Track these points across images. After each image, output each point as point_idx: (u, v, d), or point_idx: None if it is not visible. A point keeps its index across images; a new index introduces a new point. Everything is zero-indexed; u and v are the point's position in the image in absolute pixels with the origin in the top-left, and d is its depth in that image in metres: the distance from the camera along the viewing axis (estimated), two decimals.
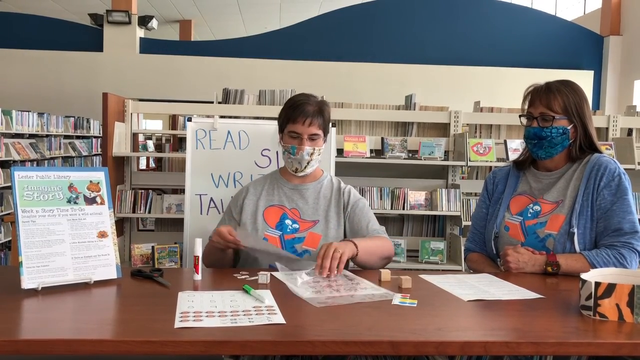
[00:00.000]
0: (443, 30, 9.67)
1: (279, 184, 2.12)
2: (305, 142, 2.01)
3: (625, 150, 3.90)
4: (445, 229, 4.06)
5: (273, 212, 2.06)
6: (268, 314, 1.34)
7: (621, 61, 10.00)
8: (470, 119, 4.20)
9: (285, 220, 2.04)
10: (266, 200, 2.09)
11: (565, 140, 1.91)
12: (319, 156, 2.06)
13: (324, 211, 2.07)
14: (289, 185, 2.11)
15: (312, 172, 2.09)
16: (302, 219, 2.05)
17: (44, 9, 11.79)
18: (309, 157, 2.02)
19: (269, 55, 9.48)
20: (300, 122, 2.00)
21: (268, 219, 2.05)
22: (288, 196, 2.09)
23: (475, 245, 2.10)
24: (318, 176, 2.14)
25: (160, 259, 3.59)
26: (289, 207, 2.07)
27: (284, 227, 2.03)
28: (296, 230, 2.02)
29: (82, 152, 8.56)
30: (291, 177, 2.11)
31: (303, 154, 2.01)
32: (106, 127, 3.74)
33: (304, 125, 2.00)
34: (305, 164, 2.04)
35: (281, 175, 2.14)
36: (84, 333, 1.24)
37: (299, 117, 2.00)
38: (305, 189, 2.10)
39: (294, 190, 2.10)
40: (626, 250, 1.79)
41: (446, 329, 1.30)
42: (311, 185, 2.11)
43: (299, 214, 2.06)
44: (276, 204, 2.08)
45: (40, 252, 1.54)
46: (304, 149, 2.00)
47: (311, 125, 2.00)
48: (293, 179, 2.11)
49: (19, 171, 1.58)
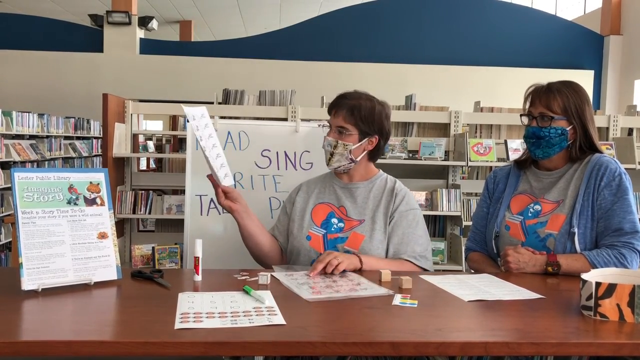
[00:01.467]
0: (443, 30, 9.67)
1: (332, 182, 2.11)
2: (332, 133, 2.00)
3: (625, 150, 3.90)
4: (445, 229, 4.06)
5: (321, 210, 2.05)
6: (268, 314, 1.34)
7: (621, 61, 10.00)
8: (470, 119, 4.20)
9: (332, 218, 2.03)
10: (317, 197, 2.09)
11: (563, 141, 1.90)
12: (347, 152, 1.98)
13: (372, 211, 2.00)
14: (340, 184, 2.08)
15: (341, 168, 2.02)
16: (347, 217, 2.02)
17: (44, 9, 11.81)
18: (330, 148, 1.99)
19: (269, 55, 9.49)
20: (331, 113, 2.02)
21: (315, 216, 2.04)
22: (338, 195, 2.07)
23: (476, 245, 2.10)
24: (370, 175, 2.08)
25: (160, 260, 3.59)
26: (337, 206, 2.05)
27: (329, 225, 2.01)
28: (340, 230, 2.00)
29: (83, 153, 8.57)
30: (342, 175, 2.09)
31: (325, 144, 2.01)
32: (106, 128, 3.75)
33: (332, 116, 2.02)
34: (329, 156, 2.01)
35: (334, 175, 2.12)
36: (84, 334, 1.24)
37: (331, 107, 2.03)
38: (356, 188, 2.06)
39: (344, 189, 2.07)
40: (627, 250, 1.79)
41: (446, 329, 1.30)
42: (362, 185, 2.06)
43: (346, 212, 2.03)
44: (325, 202, 2.07)
45: (40, 254, 1.54)
46: (326, 140, 2.00)
47: (336, 117, 1.99)
48: (344, 177, 2.08)
49: (19, 172, 1.58)
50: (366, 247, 1.93)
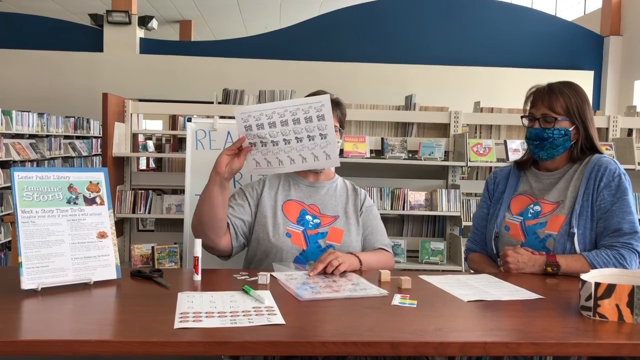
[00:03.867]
0: (443, 31, 9.67)
1: (295, 180, 2.13)
2: None
3: (625, 151, 3.90)
4: (445, 230, 4.06)
5: (292, 207, 2.06)
6: (268, 314, 1.34)
7: (621, 61, 10.00)
8: (470, 119, 4.20)
9: (306, 216, 2.05)
10: (283, 195, 2.09)
11: (567, 142, 1.91)
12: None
13: (343, 207, 2.09)
14: (305, 182, 2.11)
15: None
16: (322, 214, 2.06)
17: (44, 9, 11.80)
18: None
19: (269, 55, 9.48)
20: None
21: (288, 213, 2.05)
22: (305, 192, 2.10)
23: (476, 245, 2.11)
24: (331, 176, 2.17)
25: (160, 260, 3.59)
26: (307, 203, 2.08)
27: (305, 222, 2.03)
28: (318, 225, 2.03)
29: (82, 152, 8.56)
30: (306, 174, 2.11)
31: None
32: (106, 128, 3.74)
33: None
34: None
35: (296, 173, 2.13)
36: (83, 334, 1.24)
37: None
38: (322, 187, 2.11)
39: (310, 187, 2.11)
40: (626, 251, 1.79)
41: (446, 329, 1.30)
42: (326, 184, 2.13)
43: (319, 209, 2.07)
44: (294, 199, 2.08)
45: (39, 253, 1.54)
46: None
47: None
48: (308, 176, 2.11)
49: (18, 172, 1.58)
50: (347, 241, 2.02)
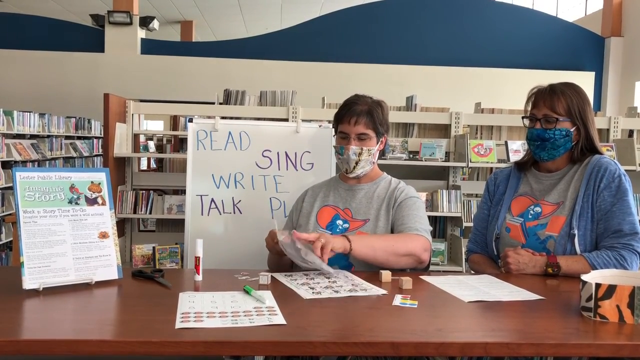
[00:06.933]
0: (444, 32, 9.67)
1: (336, 185, 2.14)
2: (353, 141, 2.01)
3: (626, 152, 3.90)
4: (446, 230, 4.06)
5: (326, 213, 2.08)
6: (269, 314, 1.34)
7: (622, 62, 10.00)
8: (471, 120, 4.21)
9: (337, 220, 2.05)
10: (322, 201, 2.11)
11: (568, 142, 1.91)
12: (370, 157, 2.04)
13: (376, 210, 2.04)
14: (345, 187, 2.12)
15: (364, 172, 2.07)
16: (353, 219, 2.05)
17: (46, 9, 11.81)
18: (356, 157, 2.02)
19: (270, 56, 9.49)
20: (346, 122, 2.02)
21: (320, 219, 2.06)
22: (342, 197, 2.10)
23: (477, 247, 2.11)
24: (375, 177, 2.12)
25: (161, 260, 3.59)
26: (342, 208, 2.08)
27: (334, 227, 2.03)
28: (345, 230, 2.02)
29: (84, 152, 8.57)
30: (347, 178, 2.11)
31: (349, 153, 2.01)
32: (107, 128, 3.75)
33: (350, 125, 2.01)
34: (354, 165, 2.03)
35: (339, 178, 2.16)
36: (85, 333, 1.24)
37: (346, 116, 2.02)
38: (360, 189, 2.09)
39: (348, 191, 2.10)
40: (626, 252, 1.79)
41: (446, 330, 1.31)
42: (366, 186, 2.10)
43: (351, 213, 2.06)
44: (330, 205, 2.09)
45: (41, 253, 1.54)
46: (351, 149, 2.01)
47: (357, 125, 2.00)
48: (349, 180, 2.12)
49: (20, 172, 1.59)
50: None
